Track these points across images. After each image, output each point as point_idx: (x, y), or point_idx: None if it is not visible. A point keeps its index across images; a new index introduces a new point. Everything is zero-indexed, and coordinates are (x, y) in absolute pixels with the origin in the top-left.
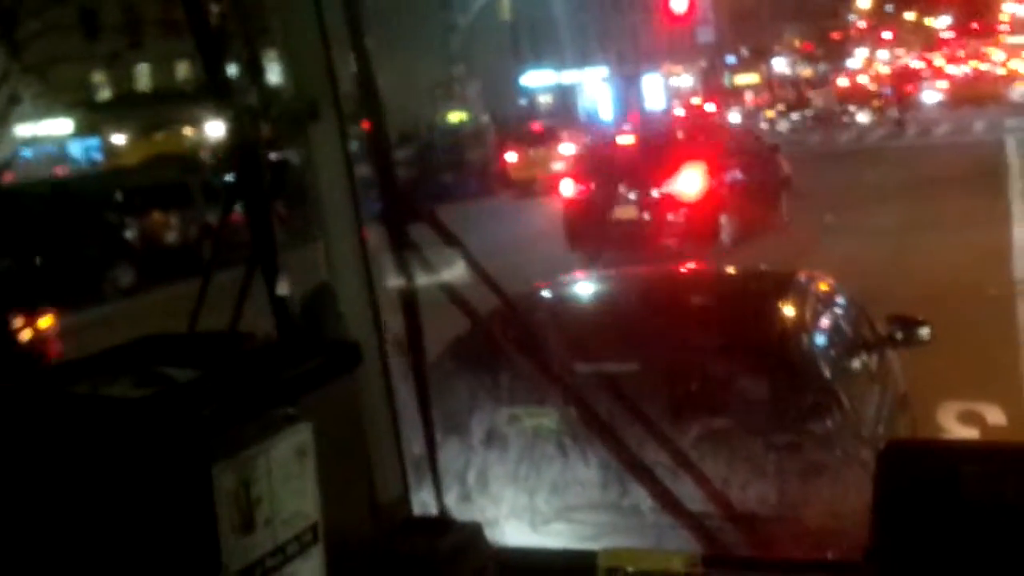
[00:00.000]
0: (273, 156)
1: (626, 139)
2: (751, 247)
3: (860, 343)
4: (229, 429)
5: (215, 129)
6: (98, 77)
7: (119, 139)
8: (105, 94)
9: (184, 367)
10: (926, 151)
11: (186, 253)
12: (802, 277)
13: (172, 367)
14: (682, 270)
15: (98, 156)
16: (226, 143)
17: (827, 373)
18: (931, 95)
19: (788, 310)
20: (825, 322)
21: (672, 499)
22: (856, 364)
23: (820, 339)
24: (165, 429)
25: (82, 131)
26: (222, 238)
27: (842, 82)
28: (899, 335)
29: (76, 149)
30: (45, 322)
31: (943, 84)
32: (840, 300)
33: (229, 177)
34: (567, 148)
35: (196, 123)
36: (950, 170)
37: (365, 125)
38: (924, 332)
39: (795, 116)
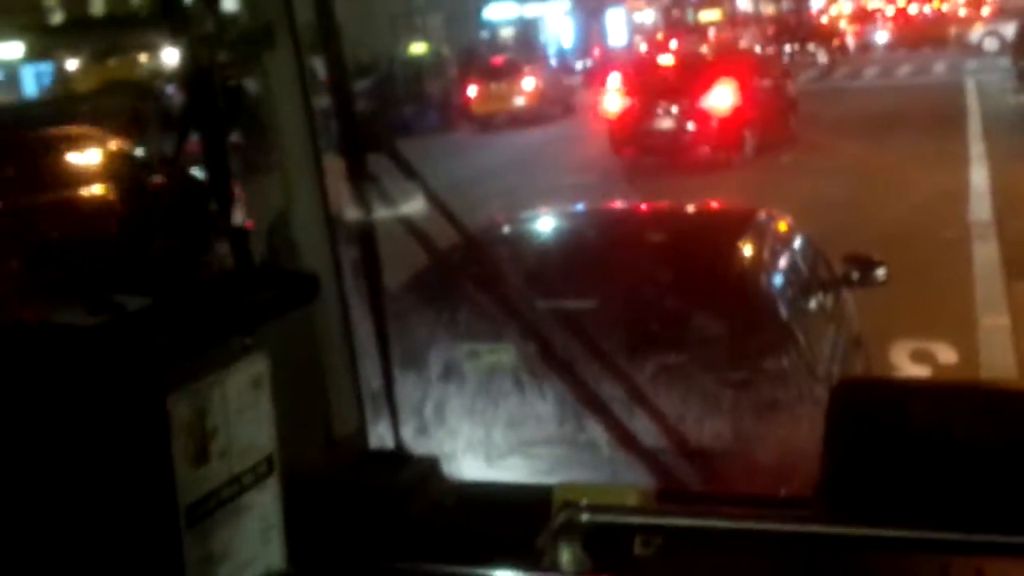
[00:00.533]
0: (230, 83)
1: (666, 59)
2: (767, 156)
3: (817, 283)
4: (184, 359)
5: (170, 56)
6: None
7: (72, 64)
8: (57, 17)
9: (138, 295)
10: (887, 91)
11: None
12: (761, 216)
13: (125, 294)
14: (642, 207)
15: (49, 82)
16: (181, 70)
17: (783, 312)
18: (880, 35)
19: (746, 249)
20: (782, 261)
21: (628, 434)
22: (812, 304)
23: (777, 278)
24: (117, 358)
25: (34, 55)
26: (178, 166)
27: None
28: (855, 275)
29: (28, 73)
30: None
31: (887, 24)
32: (798, 239)
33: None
34: (529, 82)
35: (151, 49)
36: (904, 109)
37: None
38: (880, 272)
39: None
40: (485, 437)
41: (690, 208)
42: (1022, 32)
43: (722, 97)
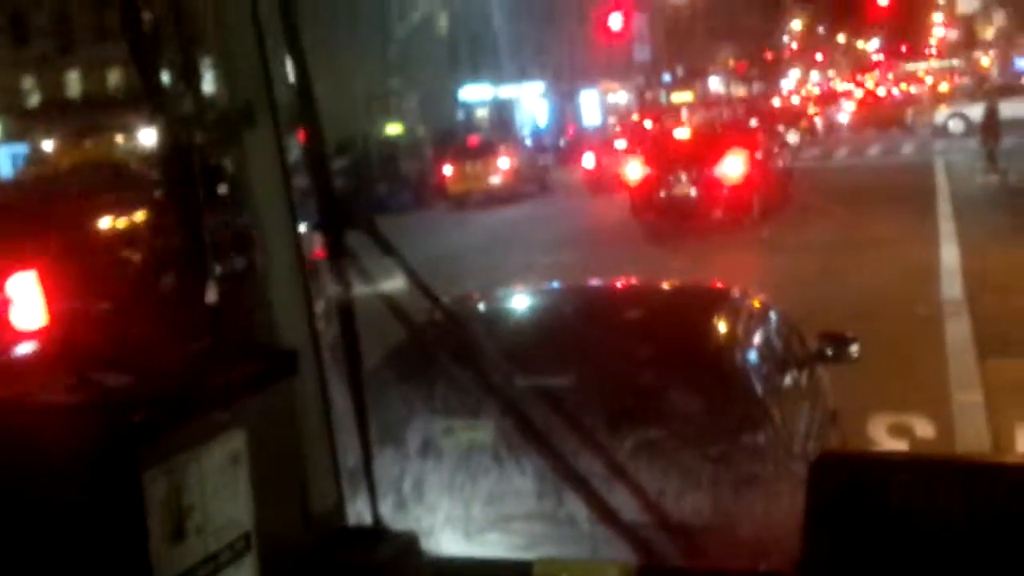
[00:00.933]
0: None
1: (681, 132)
2: (772, 218)
3: (791, 359)
4: (160, 435)
5: (147, 136)
6: (28, 83)
7: (48, 146)
8: (35, 100)
9: (116, 372)
10: (857, 170)
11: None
12: (735, 293)
13: (103, 372)
14: (618, 284)
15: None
16: (159, 150)
17: (758, 388)
18: (843, 116)
19: (721, 325)
20: (757, 338)
21: (607, 509)
22: (787, 380)
23: (752, 354)
24: (95, 436)
25: (10, 137)
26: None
27: (775, 102)
28: (829, 351)
29: (3, 155)
30: None
31: (850, 106)
32: (772, 316)
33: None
34: (504, 161)
35: (127, 130)
36: (876, 188)
37: (301, 136)
38: (854, 349)
39: None
40: (464, 512)
41: (665, 285)
42: (989, 114)
43: (734, 166)
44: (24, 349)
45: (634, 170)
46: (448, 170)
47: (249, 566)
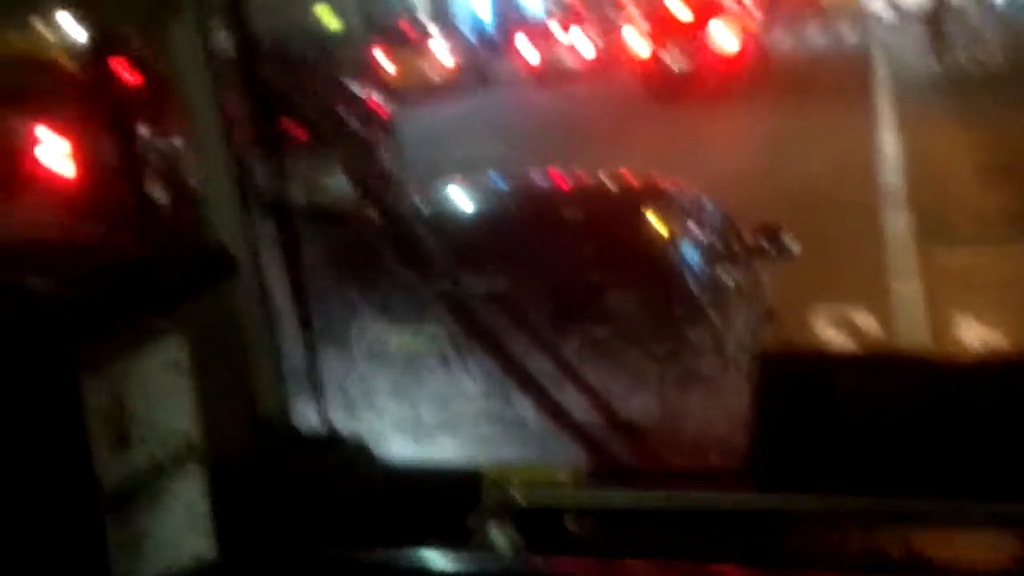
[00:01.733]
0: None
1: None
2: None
3: (727, 254)
4: (96, 341)
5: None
6: None
7: None
8: None
9: (46, 277)
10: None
11: None
12: (671, 187)
13: (33, 277)
14: (555, 179)
15: None
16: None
17: (695, 285)
18: None
19: (658, 221)
20: (694, 233)
21: (555, 410)
22: (724, 276)
23: (688, 250)
24: (27, 343)
25: None
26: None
27: None
28: (767, 246)
29: None
30: None
31: None
32: (709, 211)
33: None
34: (443, 55)
35: (50, 22)
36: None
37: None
38: (791, 243)
39: None
40: (412, 415)
41: (604, 180)
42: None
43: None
44: None
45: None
46: (381, 57)
47: (197, 473)
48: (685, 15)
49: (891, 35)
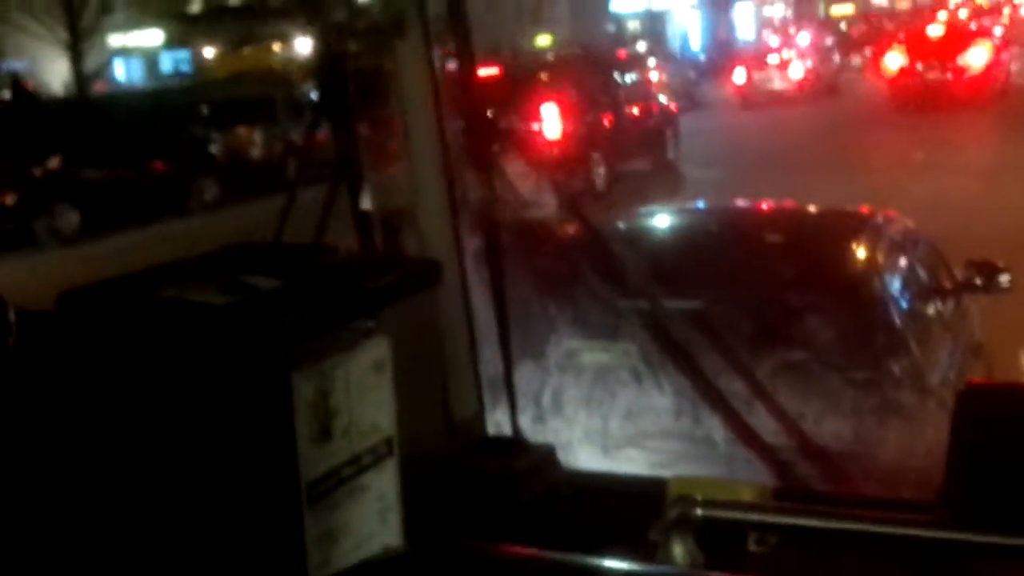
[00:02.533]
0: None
1: (935, 29)
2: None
3: (935, 287)
4: (309, 339)
5: (303, 45)
6: None
7: (209, 52)
8: (196, 6)
9: (268, 276)
10: None
11: (270, 169)
12: (879, 219)
13: (256, 276)
14: (762, 206)
15: (186, 68)
16: (313, 59)
17: (896, 317)
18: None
19: (862, 251)
20: (899, 265)
21: (745, 430)
22: (929, 309)
23: (892, 282)
24: (247, 336)
25: (172, 43)
26: (308, 154)
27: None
28: (978, 281)
29: (166, 61)
30: None
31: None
32: (917, 243)
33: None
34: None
35: (285, 39)
36: None
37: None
38: (1004, 279)
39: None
40: (602, 427)
41: (811, 209)
42: None
43: (979, 56)
44: None
45: (894, 60)
46: None
47: (391, 469)
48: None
49: None
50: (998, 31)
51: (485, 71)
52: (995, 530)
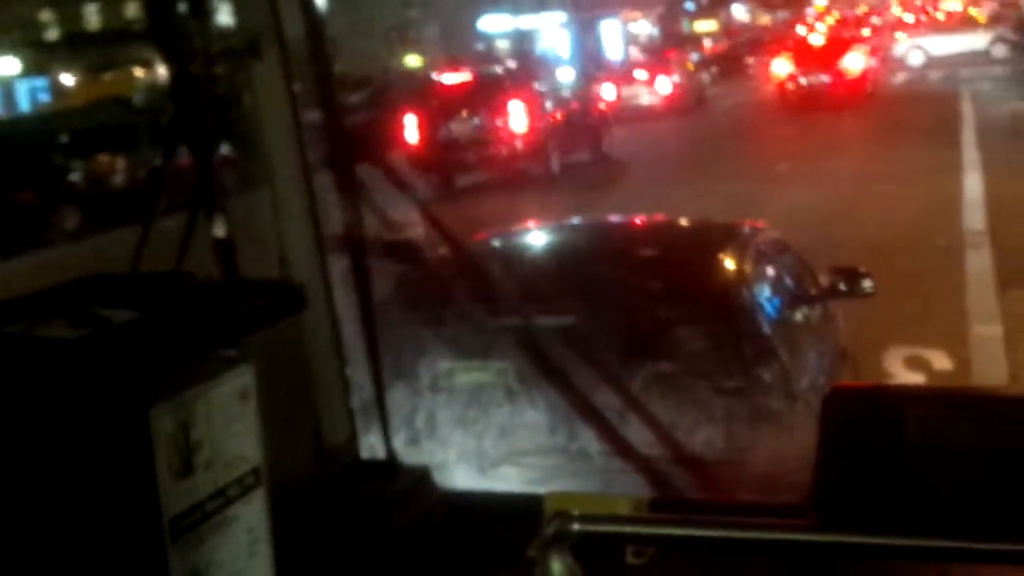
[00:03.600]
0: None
1: (816, 38)
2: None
3: (801, 295)
4: (167, 371)
5: (165, 70)
6: (46, 16)
7: (68, 80)
8: (53, 33)
9: (121, 308)
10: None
11: (134, 196)
12: (745, 229)
13: (109, 308)
14: (631, 220)
15: (45, 97)
16: (168, 82)
17: (765, 325)
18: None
19: (729, 262)
20: (766, 274)
21: (620, 443)
22: (796, 316)
23: (759, 291)
24: (101, 370)
25: (29, 71)
26: (167, 180)
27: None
28: (842, 286)
29: (23, 89)
30: None
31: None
32: (782, 252)
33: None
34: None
35: (147, 64)
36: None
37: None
38: (867, 284)
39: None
40: (476, 446)
41: (676, 221)
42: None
43: (855, 61)
44: None
45: (781, 67)
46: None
47: (259, 500)
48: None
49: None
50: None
51: (457, 76)
52: (865, 530)
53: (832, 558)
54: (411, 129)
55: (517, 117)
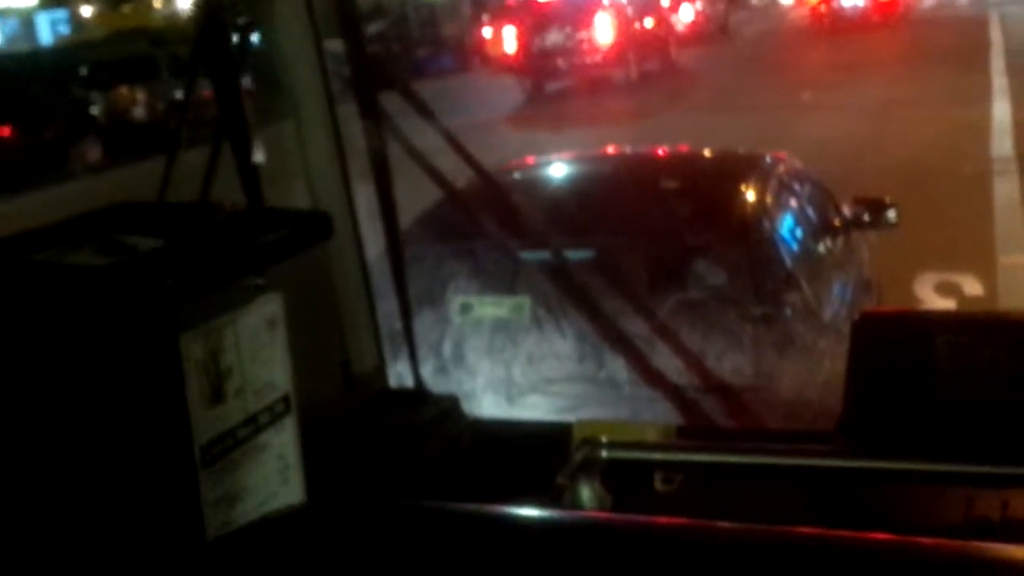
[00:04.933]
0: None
1: None
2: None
3: (824, 226)
4: (196, 299)
5: (184, 1)
6: None
7: (87, 11)
8: None
9: (149, 236)
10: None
11: (153, 129)
12: (767, 160)
13: (137, 236)
14: (655, 152)
15: (65, 29)
16: (192, 14)
17: (786, 256)
18: None
19: (750, 193)
20: (787, 205)
21: (648, 370)
22: (819, 247)
23: (781, 222)
24: (130, 297)
25: (49, 3)
26: (189, 111)
27: None
28: (866, 217)
29: (43, 21)
30: None
31: None
32: (805, 183)
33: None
34: None
35: None
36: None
37: None
38: (891, 215)
39: None
40: (505, 375)
41: (705, 152)
42: None
43: None
44: None
45: None
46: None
47: (289, 427)
48: None
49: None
50: None
51: None
52: (892, 456)
53: (860, 483)
54: (509, 40)
55: (603, 30)
